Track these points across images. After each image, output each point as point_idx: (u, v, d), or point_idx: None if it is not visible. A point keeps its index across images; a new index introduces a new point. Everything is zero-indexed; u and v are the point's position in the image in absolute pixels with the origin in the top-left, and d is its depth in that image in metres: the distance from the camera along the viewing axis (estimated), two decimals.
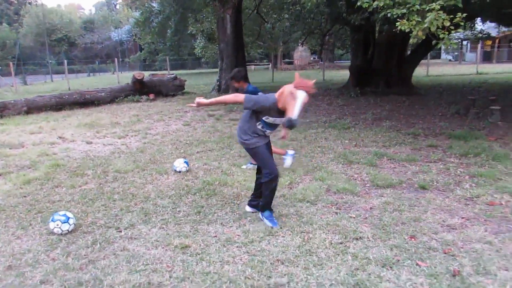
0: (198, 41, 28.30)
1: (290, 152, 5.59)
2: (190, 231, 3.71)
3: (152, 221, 3.99)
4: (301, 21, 15.79)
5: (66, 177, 5.51)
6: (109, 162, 6.22)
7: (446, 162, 5.53)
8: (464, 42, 36.55)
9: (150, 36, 26.97)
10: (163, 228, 3.82)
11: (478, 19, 17.44)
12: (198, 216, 4.04)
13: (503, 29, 24.52)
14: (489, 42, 36.55)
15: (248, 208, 4.15)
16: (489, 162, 5.38)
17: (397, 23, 5.05)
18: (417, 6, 4.98)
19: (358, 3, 5.45)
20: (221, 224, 3.84)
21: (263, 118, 3.61)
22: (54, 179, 5.42)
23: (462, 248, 3.18)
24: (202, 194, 4.64)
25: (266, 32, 22.08)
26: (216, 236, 3.59)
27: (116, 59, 24.95)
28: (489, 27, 22.82)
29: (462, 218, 3.75)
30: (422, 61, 16.60)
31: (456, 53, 40.54)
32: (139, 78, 13.69)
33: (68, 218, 3.77)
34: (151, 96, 13.93)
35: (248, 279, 2.86)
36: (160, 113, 10.96)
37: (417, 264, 2.94)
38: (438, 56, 45.01)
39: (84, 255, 3.32)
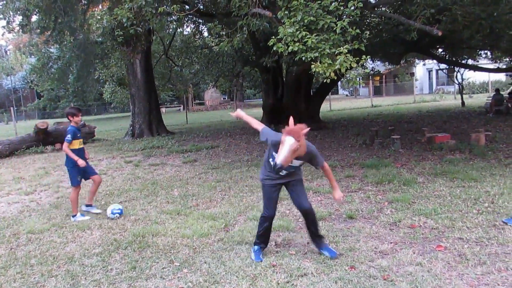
0: (107, 86, 27.34)
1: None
2: None
3: (81, 284, 3.64)
4: (211, 64, 16.22)
5: None
6: (18, 223, 5.60)
7: (365, 190, 5.94)
8: (357, 79, 40.52)
9: (50, 83, 25.43)
10: None
11: (368, 58, 19.61)
12: (134, 272, 3.77)
13: (388, 66, 27.74)
14: (378, 78, 40.97)
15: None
16: (401, 188, 5.89)
17: (312, 66, 5.45)
18: (327, 50, 5.44)
19: (274, 48, 5.78)
20: (161, 277, 3.64)
21: (274, 153, 3.62)
22: None
23: (397, 272, 3.39)
24: (134, 248, 4.36)
25: (176, 75, 22.15)
26: None
27: (12, 108, 22.85)
28: (377, 65, 25.66)
29: (391, 243, 4.02)
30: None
31: (351, 89, 44.62)
32: (42, 127, 12.71)
33: None
34: (58, 146, 12.94)
35: None
36: None
37: None
38: (336, 91, 48.96)
39: None
